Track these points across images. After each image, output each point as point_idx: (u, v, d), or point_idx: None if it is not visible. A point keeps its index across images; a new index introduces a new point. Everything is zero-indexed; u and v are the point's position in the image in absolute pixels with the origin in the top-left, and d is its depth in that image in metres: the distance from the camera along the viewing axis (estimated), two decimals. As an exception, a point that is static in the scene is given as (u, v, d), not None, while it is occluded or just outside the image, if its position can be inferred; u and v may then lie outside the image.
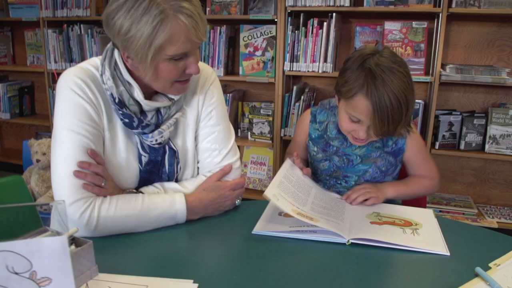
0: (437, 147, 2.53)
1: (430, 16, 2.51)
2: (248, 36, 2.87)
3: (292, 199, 1.13)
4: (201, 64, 1.26)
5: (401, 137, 1.31)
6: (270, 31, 2.80)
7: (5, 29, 3.55)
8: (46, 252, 0.62)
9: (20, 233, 0.80)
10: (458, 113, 2.56)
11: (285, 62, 2.70)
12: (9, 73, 3.69)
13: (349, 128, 1.23)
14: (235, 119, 3.08)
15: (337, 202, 1.24)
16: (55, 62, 3.24)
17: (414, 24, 2.43)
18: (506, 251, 0.99)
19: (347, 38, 2.77)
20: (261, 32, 2.84)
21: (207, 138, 1.21)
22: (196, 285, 0.83)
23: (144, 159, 1.13)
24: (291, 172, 1.25)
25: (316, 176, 1.43)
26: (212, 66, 2.88)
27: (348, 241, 1.00)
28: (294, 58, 2.69)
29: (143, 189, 1.14)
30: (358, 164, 1.33)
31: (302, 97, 2.74)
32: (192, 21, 0.96)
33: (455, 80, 2.41)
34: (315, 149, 1.38)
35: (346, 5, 2.47)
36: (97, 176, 1.04)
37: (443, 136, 2.52)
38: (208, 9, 2.84)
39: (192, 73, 1.06)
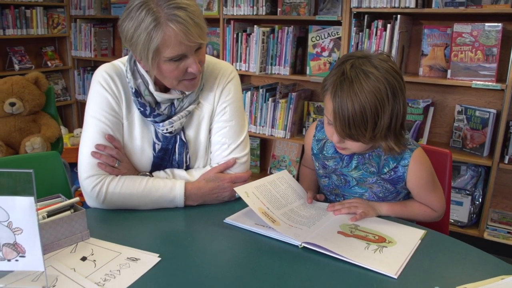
0: (506, 161, 2.32)
1: (510, 17, 2.30)
2: (316, 37, 2.90)
3: (266, 200, 1.16)
4: (221, 62, 1.37)
5: (389, 155, 1.19)
6: (337, 32, 2.80)
7: (108, 25, 4.03)
8: (18, 208, 0.79)
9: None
10: (537, 125, 2.32)
11: (348, 64, 2.68)
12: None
13: (327, 132, 1.20)
14: (301, 118, 3.13)
15: (321, 211, 1.22)
16: (144, 56, 3.60)
17: (487, 26, 2.25)
18: (489, 277, 0.91)
19: (417, 41, 2.64)
20: (328, 33, 2.85)
21: (219, 132, 1.32)
22: (159, 259, 0.95)
23: (157, 147, 1.28)
24: (283, 181, 1.28)
25: (320, 190, 1.42)
26: (278, 65, 2.97)
27: (301, 244, 1.02)
28: (357, 60, 2.65)
29: (155, 173, 1.29)
30: (354, 187, 1.28)
31: (364, 99, 2.69)
32: (183, 27, 1.07)
33: (530, 89, 2.19)
34: (317, 164, 1.36)
35: (412, 6, 2.37)
36: (111, 158, 1.21)
37: (515, 150, 2.30)
38: (279, 9, 2.93)
39: (193, 72, 1.16)
